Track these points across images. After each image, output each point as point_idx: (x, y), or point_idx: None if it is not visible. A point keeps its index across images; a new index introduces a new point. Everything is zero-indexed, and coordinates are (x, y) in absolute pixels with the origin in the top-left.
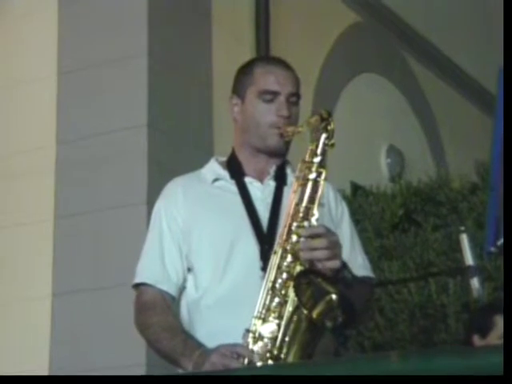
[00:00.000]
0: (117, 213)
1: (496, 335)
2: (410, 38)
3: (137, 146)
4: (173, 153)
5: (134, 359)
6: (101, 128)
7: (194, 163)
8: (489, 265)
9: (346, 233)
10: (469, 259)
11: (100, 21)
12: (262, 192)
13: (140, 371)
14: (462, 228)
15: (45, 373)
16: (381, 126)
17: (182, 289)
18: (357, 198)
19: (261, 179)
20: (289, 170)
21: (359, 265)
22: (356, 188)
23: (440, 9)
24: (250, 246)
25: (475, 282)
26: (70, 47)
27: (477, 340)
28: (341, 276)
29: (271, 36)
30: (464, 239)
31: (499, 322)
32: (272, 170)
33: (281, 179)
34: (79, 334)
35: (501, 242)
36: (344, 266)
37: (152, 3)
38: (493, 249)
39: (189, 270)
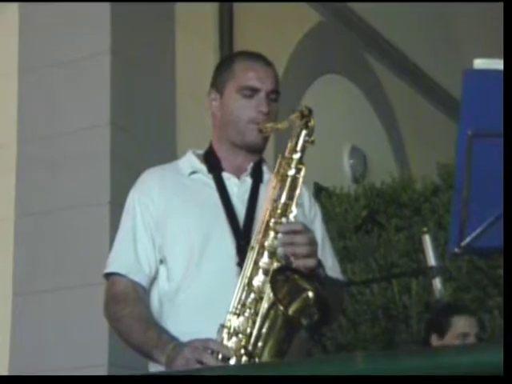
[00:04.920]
0: (79, 212)
1: (453, 335)
2: (373, 41)
3: (100, 144)
4: (136, 151)
5: (96, 359)
6: (63, 126)
7: (158, 162)
8: (450, 265)
9: (318, 234)
10: (431, 260)
11: (62, 18)
12: (238, 188)
13: (102, 371)
14: (425, 229)
15: (4, 373)
16: (344, 126)
17: (154, 280)
18: (320, 199)
19: (238, 175)
20: (265, 168)
21: (329, 267)
22: (319, 189)
23: (404, 12)
24: (225, 241)
25: (437, 283)
26: (32, 44)
27: (435, 339)
28: (315, 274)
29: (235, 36)
30: (426, 240)
31: (456, 322)
32: (249, 166)
33: (257, 176)
34: (40, 334)
35: (465, 242)
36: (319, 264)
37: (115, 1)
38: (457, 249)
39: (161, 261)
